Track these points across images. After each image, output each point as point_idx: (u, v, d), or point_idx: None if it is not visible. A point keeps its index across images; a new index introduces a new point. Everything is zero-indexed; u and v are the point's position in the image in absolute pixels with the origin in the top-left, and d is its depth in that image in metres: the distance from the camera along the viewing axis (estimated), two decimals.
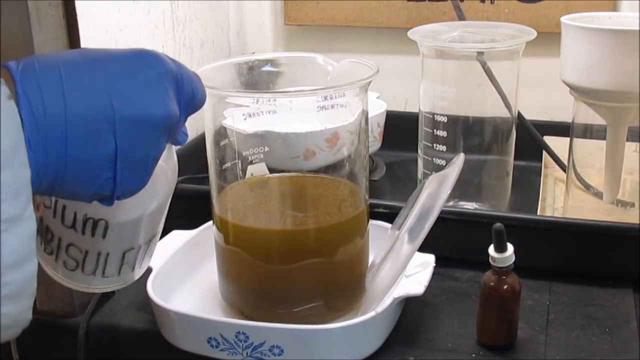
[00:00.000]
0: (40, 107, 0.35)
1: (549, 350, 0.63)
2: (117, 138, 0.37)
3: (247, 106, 0.62)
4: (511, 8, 1.07)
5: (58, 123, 0.35)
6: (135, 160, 0.39)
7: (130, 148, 0.38)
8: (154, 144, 0.40)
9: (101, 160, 0.37)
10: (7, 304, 0.33)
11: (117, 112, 0.37)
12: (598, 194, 0.84)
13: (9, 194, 0.32)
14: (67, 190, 0.38)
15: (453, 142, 0.85)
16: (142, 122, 0.38)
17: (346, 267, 0.66)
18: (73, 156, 0.36)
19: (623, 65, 0.73)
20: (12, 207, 0.33)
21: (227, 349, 0.61)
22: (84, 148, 0.36)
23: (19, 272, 0.33)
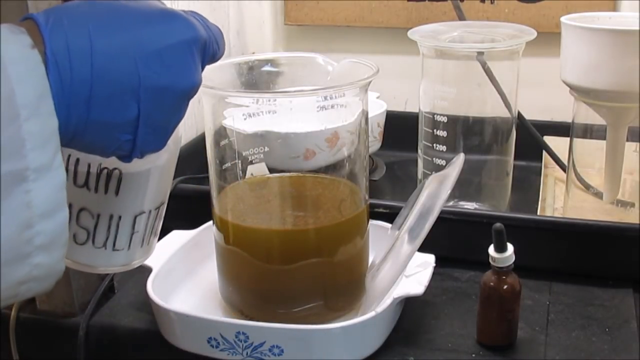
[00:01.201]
0: (67, 68, 0.35)
1: (549, 350, 0.63)
2: (141, 105, 0.37)
3: (247, 106, 0.62)
4: (511, 8, 1.07)
5: (83, 86, 0.35)
6: (156, 125, 0.39)
7: (153, 115, 0.38)
8: (177, 111, 0.40)
9: (122, 124, 0.38)
10: (40, 254, 0.34)
11: (143, 80, 0.37)
12: (598, 194, 0.84)
13: (37, 143, 0.32)
14: (85, 147, 0.39)
15: (453, 142, 0.85)
16: (167, 92, 0.38)
17: (346, 267, 0.66)
18: (95, 119, 0.36)
19: (623, 65, 0.73)
20: (41, 156, 0.33)
21: (227, 349, 0.61)
22: (106, 112, 0.36)
23: (51, 221, 0.34)
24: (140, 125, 0.38)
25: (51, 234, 0.34)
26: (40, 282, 0.35)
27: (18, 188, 0.32)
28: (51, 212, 0.34)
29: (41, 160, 0.33)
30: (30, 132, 0.32)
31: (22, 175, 0.32)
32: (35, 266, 0.34)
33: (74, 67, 0.35)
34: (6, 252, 0.32)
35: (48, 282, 0.35)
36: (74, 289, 0.69)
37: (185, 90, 0.40)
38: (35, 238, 0.33)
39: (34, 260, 0.33)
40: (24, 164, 0.32)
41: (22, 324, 0.71)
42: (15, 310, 0.71)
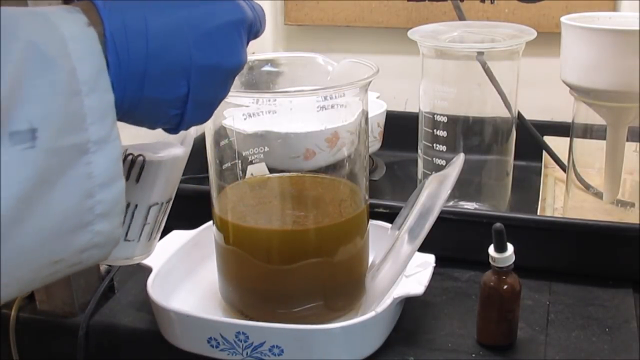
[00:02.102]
0: (125, 47, 0.36)
1: (549, 350, 0.63)
2: (191, 83, 0.39)
3: (247, 106, 0.62)
4: (511, 8, 1.07)
5: (138, 64, 0.37)
6: (204, 101, 0.41)
7: (201, 92, 0.40)
8: (223, 88, 0.42)
9: (172, 100, 0.39)
10: (100, 222, 0.35)
11: (194, 60, 0.39)
12: (598, 194, 0.84)
13: (96, 117, 0.34)
14: (136, 121, 0.40)
15: (453, 142, 0.85)
16: (216, 71, 0.40)
17: (346, 267, 0.66)
18: (148, 95, 0.38)
19: (623, 65, 0.73)
20: (100, 130, 0.34)
21: (227, 349, 0.61)
22: (158, 89, 0.38)
23: (109, 190, 0.35)
24: (189, 102, 0.40)
25: (110, 203, 0.35)
26: (101, 249, 0.36)
27: (80, 160, 0.34)
28: (109, 182, 0.35)
29: (100, 133, 0.34)
30: (91, 106, 0.34)
31: (84, 148, 0.34)
32: (96, 233, 0.35)
33: (131, 47, 0.37)
34: (70, 221, 0.34)
35: (107, 249, 0.37)
36: (74, 289, 0.69)
37: (233, 69, 0.42)
38: (96, 207, 0.35)
39: (95, 227, 0.35)
40: (86, 137, 0.34)
41: (22, 324, 0.71)
42: (15, 310, 0.71)
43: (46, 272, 0.35)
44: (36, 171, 0.32)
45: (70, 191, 0.34)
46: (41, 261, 0.34)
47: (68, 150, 0.33)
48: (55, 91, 0.33)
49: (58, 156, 0.33)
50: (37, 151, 0.32)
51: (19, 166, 0.31)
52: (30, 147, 0.31)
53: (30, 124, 0.31)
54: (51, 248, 0.34)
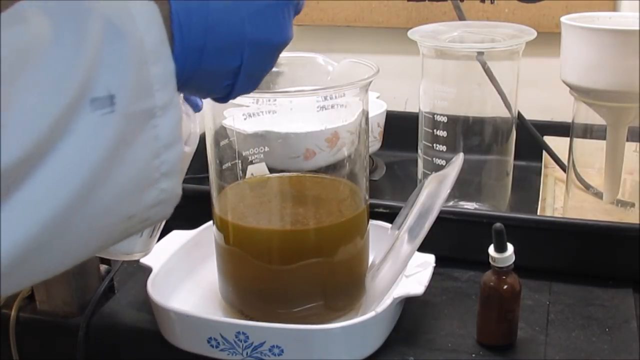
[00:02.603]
0: (187, 23, 0.40)
1: (549, 350, 0.63)
2: (244, 56, 0.43)
3: (247, 106, 0.62)
4: (511, 8, 1.07)
5: (198, 39, 0.40)
6: (253, 73, 0.45)
7: (252, 65, 0.44)
8: (270, 61, 0.46)
9: (226, 72, 0.43)
10: (164, 180, 0.38)
11: (248, 35, 0.42)
12: (598, 194, 0.84)
13: (161, 85, 0.37)
14: (192, 91, 0.45)
15: (453, 142, 0.85)
16: (266, 46, 0.44)
17: (346, 267, 0.66)
18: (205, 67, 0.42)
19: (623, 65, 0.73)
20: (164, 96, 0.37)
21: (227, 349, 0.61)
22: (215, 62, 0.42)
23: (172, 151, 0.38)
24: (241, 73, 0.43)
25: (172, 162, 0.39)
26: (165, 205, 0.39)
27: (148, 124, 0.37)
28: (172, 144, 0.38)
29: (165, 99, 0.37)
30: (157, 74, 0.37)
31: (151, 113, 0.37)
32: (161, 191, 0.39)
33: (193, 22, 0.40)
34: (141, 179, 0.37)
35: (171, 205, 0.40)
36: (74, 289, 0.69)
37: (281, 44, 0.45)
38: (161, 166, 0.38)
39: (160, 185, 0.38)
40: (153, 102, 0.37)
41: (22, 324, 0.71)
42: (15, 310, 0.71)
43: (122, 227, 0.38)
44: (115, 134, 0.35)
45: (141, 152, 0.37)
46: (118, 217, 0.37)
47: (139, 115, 0.36)
48: (128, 61, 0.35)
49: (132, 120, 0.36)
50: (115, 116, 0.35)
51: (100, 130, 0.34)
52: (109, 112, 0.34)
53: (109, 91, 0.34)
54: (126, 204, 0.37)
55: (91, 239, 0.37)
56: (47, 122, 0.32)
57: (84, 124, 0.33)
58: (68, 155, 0.33)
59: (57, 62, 0.33)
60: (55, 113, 0.32)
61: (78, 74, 0.33)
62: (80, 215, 0.34)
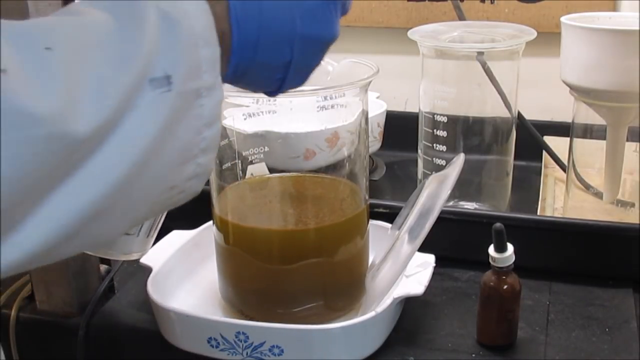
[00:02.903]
0: (244, 23, 0.43)
1: (549, 350, 0.63)
2: (294, 51, 0.45)
3: (247, 106, 0.62)
4: (511, 8, 1.07)
5: (253, 33, 0.44)
6: (303, 68, 0.48)
7: (301, 59, 0.46)
8: (319, 57, 0.49)
9: (278, 66, 0.46)
10: (202, 155, 0.41)
11: (299, 31, 0.45)
12: (598, 194, 0.84)
13: (208, 67, 0.40)
14: (244, 84, 0.47)
15: (453, 142, 0.85)
16: (315, 41, 0.47)
17: (346, 267, 0.66)
18: (259, 60, 0.44)
19: (623, 65, 0.73)
20: (210, 77, 0.40)
21: (227, 349, 0.61)
22: (267, 55, 0.45)
23: (211, 129, 0.41)
24: (291, 68, 0.46)
25: (210, 140, 0.41)
26: (199, 179, 0.42)
27: (195, 103, 0.40)
28: (212, 122, 0.41)
29: (210, 80, 0.40)
30: (205, 57, 0.40)
31: (199, 92, 0.40)
32: (198, 165, 0.41)
33: (248, 18, 0.43)
34: (184, 153, 0.40)
35: (203, 179, 0.43)
36: (74, 289, 0.69)
37: (328, 40, 0.48)
38: (201, 142, 0.41)
39: (198, 160, 0.41)
40: (201, 83, 0.40)
41: (22, 324, 0.71)
42: (15, 310, 0.71)
43: (164, 197, 0.41)
44: (170, 111, 0.38)
45: (187, 128, 0.40)
46: (164, 187, 0.40)
47: (190, 94, 0.39)
48: (182, 45, 0.39)
49: (183, 99, 0.39)
50: (172, 94, 0.38)
51: (158, 107, 0.37)
52: (167, 90, 0.38)
53: (165, 72, 0.38)
54: (170, 176, 0.40)
55: (141, 207, 0.40)
56: (117, 97, 0.35)
57: (145, 101, 0.37)
58: (132, 129, 0.36)
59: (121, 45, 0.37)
60: (123, 89, 0.36)
61: (140, 56, 0.37)
62: (137, 183, 0.38)
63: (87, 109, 0.34)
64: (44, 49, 0.34)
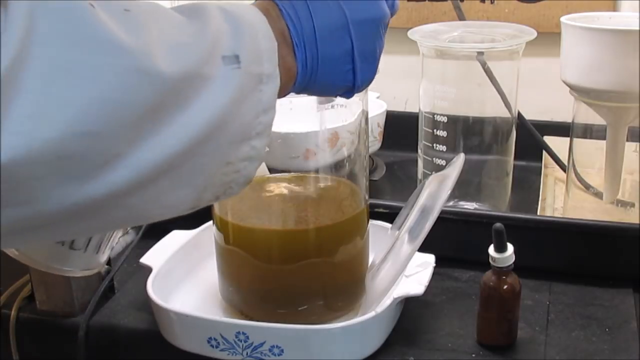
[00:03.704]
0: (297, 19, 0.47)
1: (549, 350, 0.63)
2: (352, 36, 0.48)
3: None
4: (511, 8, 1.07)
5: (310, 29, 0.47)
6: (367, 52, 0.49)
7: (362, 43, 0.49)
8: (378, 37, 0.50)
9: (342, 54, 0.48)
10: (256, 139, 0.44)
11: (349, 16, 0.48)
12: (598, 194, 0.84)
13: (268, 56, 0.43)
14: (321, 83, 0.49)
15: (453, 142, 0.85)
16: (368, 22, 0.49)
17: (346, 267, 0.66)
18: (322, 52, 0.47)
19: (623, 65, 0.73)
20: (270, 67, 0.43)
21: (227, 349, 0.61)
22: (329, 46, 0.47)
23: (267, 115, 0.44)
24: (356, 54, 0.48)
25: (264, 125, 0.44)
26: (251, 162, 0.44)
27: (257, 87, 0.43)
28: (269, 109, 0.44)
29: (270, 69, 0.43)
30: (265, 48, 0.43)
31: (260, 78, 0.43)
32: (252, 147, 0.44)
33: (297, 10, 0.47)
34: (242, 132, 0.43)
35: (256, 164, 0.45)
36: (74, 289, 0.69)
37: (380, 19, 0.50)
38: (257, 126, 0.43)
39: (252, 142, 0.44)
40: (261, 70, 0.43)
41: (22, 324, 0.71)
42: (15, 310, 0.71)
43: (220, 172, 0.43)
44: (239, 87, 0.41)
45: (248, 109, 0.42)
46: (222, 160, 0.42)
47: (253, 77, 0.42)
48: (244, 33, 0.42)
49: (249, 79, 0.42)
50: (241, 72, 0.41)
51: (230, 80, 0.41)
52: (237, 67, 0.41)
53: (233, 52, 0.41)
54: (229, 150, 0.42)
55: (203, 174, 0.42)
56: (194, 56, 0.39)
57: (220, 73, 0.40)
58: (209, 95, 0.39)
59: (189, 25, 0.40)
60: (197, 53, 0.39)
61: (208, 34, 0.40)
62: (203, 149, 0.40)
63: (169, 55, 0.37)
64: (123, 10, 0.37)
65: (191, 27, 0.40)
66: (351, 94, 0.52)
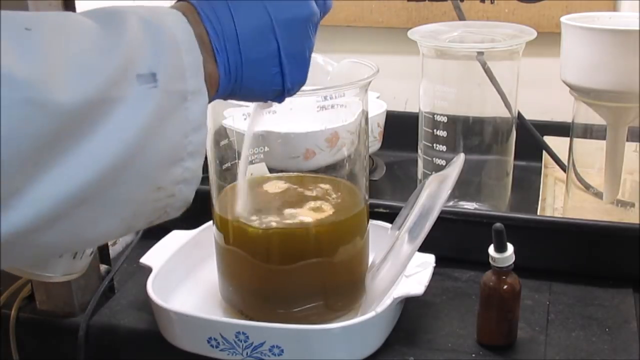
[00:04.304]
0: (217, 22, 0.44)
1: (549, 350, 0.63)
2: (277, 37, 0.46)
3: (247, 106, 0.62)
4: (511, 8, 1.07)
5: (231, 31, 0.45)
6: (295, 53, 0.47)
7: (289, 43, 0.46)
8: (306, 37, 0.48)
9: (268, 56, 0.46)
10: (189, 159, 0.42)
11: (273, 16, 0.46)
12: (598, 194, 0.84)
13: (192, 72, 0.42)
14: (247, 88, 0.47)
15: (453, 142, 0.85)
16: (294, 21, 0.47)
17: (346, 267, 0.66)
18: (246, 56, 0.45)
19: (623, 65, 0.73)
20: (195, 83, 0.42)
21: (227, 349, 0.61)
22: (253, 47, 0.45)
23: (198, 134, 0.42)
24: (282, 56, 0.46)
25: (197, 144, 0.42)
26: (188, 185, 0.43)
27: (182, 105, 0.41)
28: (199, 127, 0.42)
29: (195, 86, 0.42)
30: (189, 63, 0.41)
31: (184, 95, 0.41)
32: (185, 169, 0.42)
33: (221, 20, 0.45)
34: (171, 154, 0.41)
35: (192, 186, 0.43)
36: (74, 289, 0.69)
37: (307, 18, 0.48)
38: (188, 146, 0.42)
39: (185, 163, 0.42)
40: (186, 86, 0.41)
41: (22, 324, 0.71)
42: (15, 310, 0.71)
43: (152, 198, 0.41)
44: (156, 107, 0.39)
45: (173, 129, 0.41)
46: (150, 186, 0.41)
47: (175, 95, 0.40)
48: (165, 48, 0.40)
49: (169, 98, 0.40)
50: (158, 91, 0.39)
51: (145, 101, 0.39)
52: (153, 87, 0.39)
53: (150, 70, 0.39)
54: (158, 174, 0.41)
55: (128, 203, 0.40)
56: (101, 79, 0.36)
57: (133, 94, 0.38)
58: (121, 119, 0.37)
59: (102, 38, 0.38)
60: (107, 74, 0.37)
61: (122, 49, 0.38)
62: (124, 175, 0.38)
63: (70, 82, 0.35)
64: (24, 29, 0.35)
65: (103, 42, 0.38)
66: (282, 98, 0.49)
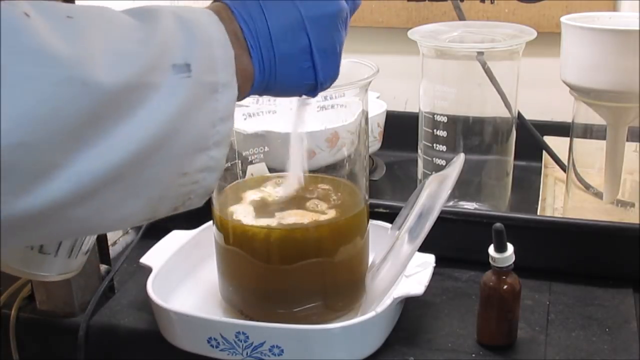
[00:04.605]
0: (250, 20, 0.46)
1: (549, 350, 0.63)
2: (308, 32, 0.47)
3: (247, 106, 0.62)
4: (511, 8, 1.07)
5: (263, 28, 0.46)
6: (326, 48, 0.49)
7: (320, 38, 0.48)
8: (336, 32, 0.50)
9: (300, 51, 0.47)
10: (214, 149, 0.43)
11: (303, 12, 0.47)
12: (598, 194, 0.84)
13: (223, 65, 0.43)
14: (281, 83, 0.48)
15: (453, 142, 0.85)
16: (323, 17, 0.48)
17: (346, 267, 0.66)
18: (279, 52, 0.47)
19: (623, 65, 0.73)
20: (226, 76, 0.43)
21: (227, 349, 0.61)
22: (285, 43, 0.47)
23: (224, 125, 0.43)
24: (314, 51, 0.48)
25: (223, 135, 0.44)
26: (210, 172, 0.44)
27: (212, 96, 0.42)
28: (227, 118, 0.44)
29: (226, 79, 0.43)
30: (220, 56, 0.43)
31: (215, 87, 0.43)
32: (210, 158, 0.43)
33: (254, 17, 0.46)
34: (198, 141, 0.42)
35: (215, 174, 0.44)
36: (74, 289, 0.69)
37: (337, 13, 0.49)
38: (214, 135, 0.43)
39: (210, 152, 0.43)
40: (216, 79, 0.43)
41: (22, 324, 0.71)
42: (15, 310, 0.71)
43: (176, 183, 0.42)
44: (189, 96, 0.41)
45: (203, 118, 0.42)
46: (176, 171, 0.42)
47: (207, 86, 0.42)
48: (197, 41, 0.42)
49: (201, 88, 0.42)
50: (191, 81, 0.41)
51: (180, 89, 0.40)
52: (187, 76, 0.41)
53: (185, 60, 0.41)
54: (184, 160, 0.42)
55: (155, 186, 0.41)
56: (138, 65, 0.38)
57: (167, 82, 0.40)
58: (156, 105, 0.39)
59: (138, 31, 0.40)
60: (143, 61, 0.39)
61: (157, 40, 0.40)
62: (154, 158, 0.40)
63: (110, 65, 0.37)
64: (65, 17, 0.37)
65: (140, 33, 0.40)
66: (315, 92, 0.51)
